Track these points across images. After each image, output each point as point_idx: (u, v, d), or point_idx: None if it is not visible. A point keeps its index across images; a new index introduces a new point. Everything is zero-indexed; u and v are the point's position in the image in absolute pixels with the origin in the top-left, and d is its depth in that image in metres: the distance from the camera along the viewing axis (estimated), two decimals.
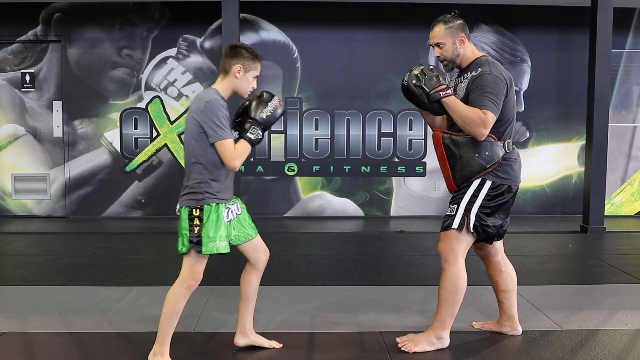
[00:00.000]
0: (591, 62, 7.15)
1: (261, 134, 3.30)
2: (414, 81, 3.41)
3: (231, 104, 3.43)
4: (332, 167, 8.22)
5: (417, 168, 8.28)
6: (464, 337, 3.81)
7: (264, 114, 3.29)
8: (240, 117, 3.37)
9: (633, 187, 8.50)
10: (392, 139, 8.19)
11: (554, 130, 8.38)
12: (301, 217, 8.26)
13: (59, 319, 4.13)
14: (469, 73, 3.49)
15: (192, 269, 3.28)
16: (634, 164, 8.49)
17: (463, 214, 3.44)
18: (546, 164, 8.41)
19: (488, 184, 3.47)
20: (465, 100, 3.42)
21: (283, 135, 8.18)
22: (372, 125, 8.20)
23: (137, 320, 4.11)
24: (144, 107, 8.11)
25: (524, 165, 8.57)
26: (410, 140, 8.25)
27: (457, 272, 3.46)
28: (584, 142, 7.56)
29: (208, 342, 3.72)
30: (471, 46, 3.58)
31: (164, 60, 8.09)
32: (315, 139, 8.19)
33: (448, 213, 3.50)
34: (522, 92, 8.29)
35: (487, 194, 3.47)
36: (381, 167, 8.26)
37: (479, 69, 3.43)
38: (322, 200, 8.30)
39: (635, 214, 8.54)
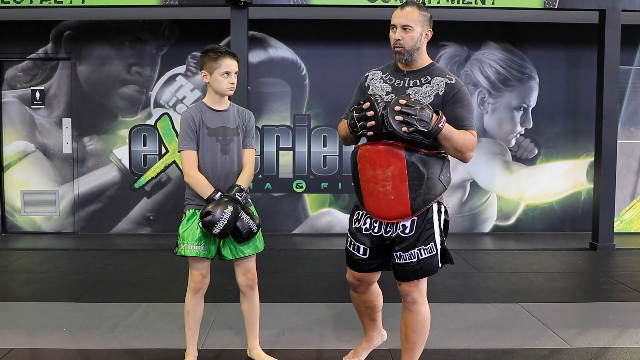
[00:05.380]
0: (599, 79, 7.15)
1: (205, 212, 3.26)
2: (403, 128, 2.80)
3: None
4: (340, 184, 8.22)
5: None
6: (473, 355, 3.78)
7: (208, 218, 3.23)
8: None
9: None
10: None
11: (562, 147, 8.37)
12: (309, 234, 8.25)
13: (67, 335, 4.14)
14: (428, 77, 3.06)
15: (189, 271, 3.50)
16: None
17: (442, 249, 3.10)
18: (555, 180, 8.39)
19: (442, 208, 3.13)
20: (435, 108, 2.96)
21: (291, 152, 8.20)
22: None
23: (146, 337, 4.11)
24: (153, 124, 8.15)
25: (532, 182, 8.59)
26: None
27: (427, 312, 3.15)
28: (593, 158, 7.55)
29: (215, 359, 3.71)
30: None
31: (173, 78, 8.14)
32: (323, 155, 8.20)
33: (426, 256, 3.04)
34: (530, 109, 8.29)
35: (444, 220, 3.13)
36: None
37: (450, 77, 3.05)
38: (330, 217, 8.29)
39: None
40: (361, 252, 3.19)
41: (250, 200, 3.54)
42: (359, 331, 4.14)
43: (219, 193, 3.32)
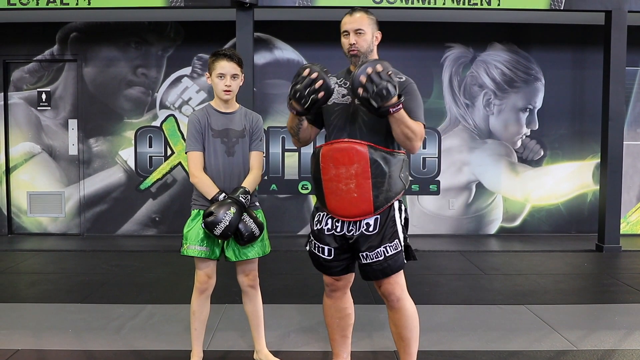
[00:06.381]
0: (605, 80, 7.13)
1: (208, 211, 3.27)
2: (359, 89, 2.81)
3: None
4: None
5: (431, 187, 8.27)
6: (479, 356, 3.77)
7: (211, 217, 3.23)
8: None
9: None
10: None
11: (568, 149, 8.35)
12: None
13: (73, 336, 4.14)
14: None
15: (195, 271, 3.50)
16: None
17: (405, 245, 3.12)
18: (561, 182, 8.38)
19: (402, 206, 3.15)
20: None
21: (297, 153, 8.20)
22: None
23: (151, 338, 4.11)
24: (159, 125, 8.16)
25: (538, 183, 8.57)
26: (424, 158, 8.24)
27: (412, 305, 3.18)
28: (599, 160, 7.53)
29: None
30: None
31: (178, 79, 8.15)
32: None
33: (392, 253, 3.05)
34: (536, 111, 8.28)
35: (404, 218, 3.15)
36: None
37: (400, 76, 3.10)
38: None
39: None
40: (326, 253, 3.17)
41: (257, 204, 3.54)
42: (364, 332, 4.14)
43: (223, 194, 3.33)
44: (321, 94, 2.92)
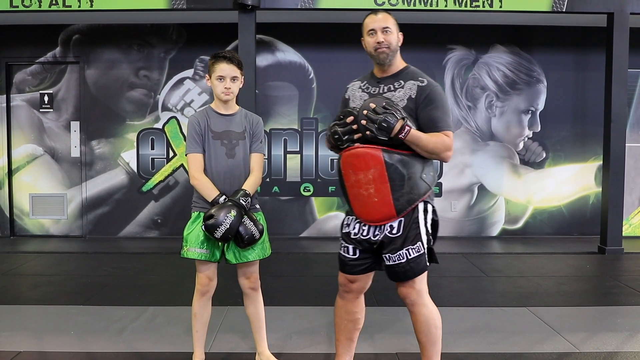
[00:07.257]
0: (607, 82, 7.13)
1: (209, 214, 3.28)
2: (367, 132, 2.92)
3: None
4: None
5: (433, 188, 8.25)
6: (481, 359, 3.77)
7: (212, 220, 3.24)
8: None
9: None
10: None
11: (570, 151, 8.34)
12: (317, 237, 8.24)
13: (75, 338, 4.15)
14: (401, 82, 3.11)
15: (196, 273, 3.52)
16: None
17: (428, 248, 3.11)
18: (563, 184, 8.37)
19: (429, 207, 3.13)
20: (409, 111, 3.03)
21: (299, 155, 8.20)
22: None
23: (153, 340, 4.11)
24: (161, 127, 8.16)
25: (540, 185, 8.56)
26: None
27: (429, 311, 3.14)
28: (601, 162, 7.52)
29: None
30: None
31: (180, 81, 8.15)
32: (330, 159, 8.19)
33: (414, 255, 3.03)
34: (538, 112, 8.27)
35: (432, 219, 3.13)
36: None
37: (422, 79, 3.09)
38: (337, 220, 8.28)
39: None
40: (350, 252, 3.19)
41: (258, 207, 3.54)
42: (365, 334, 4.13)
43: (224, 196, 3.33)
44: (357, 143, 3.00)
